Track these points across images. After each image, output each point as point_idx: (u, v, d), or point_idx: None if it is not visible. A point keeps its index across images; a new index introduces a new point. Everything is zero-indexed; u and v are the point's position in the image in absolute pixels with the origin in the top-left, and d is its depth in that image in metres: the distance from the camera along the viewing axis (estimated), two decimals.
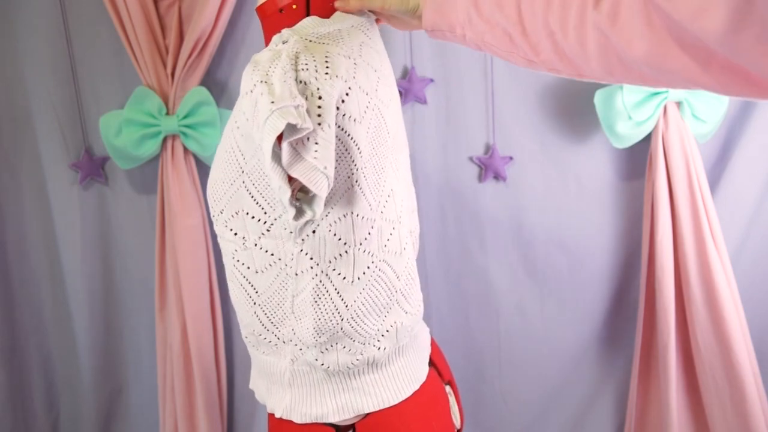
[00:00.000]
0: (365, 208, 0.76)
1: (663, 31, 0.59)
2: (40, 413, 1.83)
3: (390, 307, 0.82)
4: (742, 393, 1.53)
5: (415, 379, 0.86)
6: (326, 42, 0.75)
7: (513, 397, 1.79)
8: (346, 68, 0.73)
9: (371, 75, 0.77)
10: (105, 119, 1.61)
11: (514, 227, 1.71)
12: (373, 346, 0.82)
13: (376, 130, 0.77)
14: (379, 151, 0.78)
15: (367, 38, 0.81)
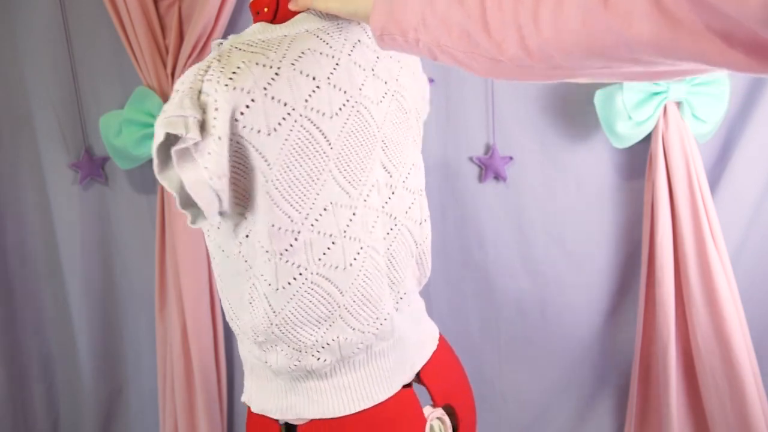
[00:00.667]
0: (283, 219, 0.75)
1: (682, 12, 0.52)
2: (40, 413, 1.83)
3: (331, 320, 0.81)
4: (742, 393, 1.53)
5: (367, 397, 0.85)
6: (254, 50, 0.73)
7: (513, 397, 1.79)
8: (256, 79, 0.71)
9: (301, 84, 0.74)
10: (105, 119, 1.61)
11: (514, 227, 1.71)
12: (311, 356, 0.82)
13: (299, 143, 0.74)
14: (307, 164, 0.75)
15: (321, 43, 0.78)
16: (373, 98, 0.82)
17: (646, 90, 1.51)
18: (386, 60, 0.85)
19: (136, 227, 1.75)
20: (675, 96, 1.52)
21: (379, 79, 0.83)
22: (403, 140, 0.87)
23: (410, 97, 0.89)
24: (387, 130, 0.84)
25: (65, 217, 1.73)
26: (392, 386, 0.87)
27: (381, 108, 0.83)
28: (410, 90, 0.89)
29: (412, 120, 0.89)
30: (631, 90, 1.51)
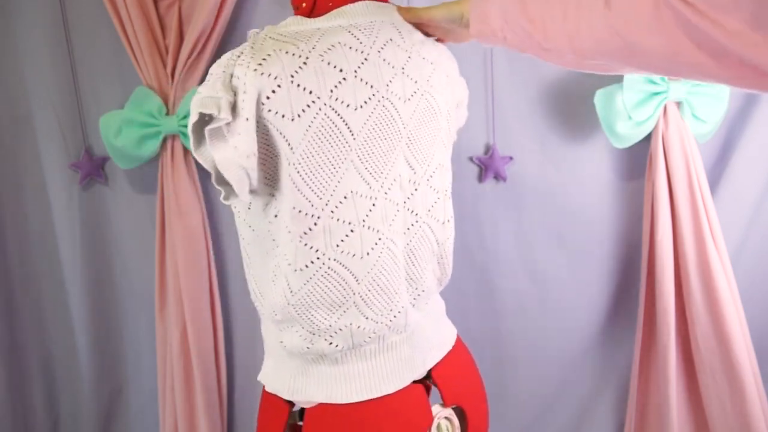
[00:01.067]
0: (304, 203, 0.78)
1: (675, 28, 0.61)
2: (40, 413, 1.83)
3: (345, 307, 0.83)
4: (742, 393, 1.53)
5: (375, 388, 0.86)
6: (286, 40, 0.77)
7: (513, 396, 1.79)
8: (284, 66, 0.75)
9: (328, 75, 0.77)
10: (105, 119, 1.61)
11: (514, 227, 1.71)
12: (324, 340, 0.84)
13: (322, 130, 0.77)
14: (329, 152, 0.78)
15: (352, 38, 0.81)
16: (400, 95, 0.84)
17: (646, 90, 1.51)
18: (418, 60, 0.87)
19: (136, 227, 1.75)
20: (675, 96, 1.52)
21: (408, 78, 0.86)
22: (430, 139, 0.89)
23: (441, 98, 0.91)
24: (413, 127, 0.86)
25: (65, 217, 1.73)
26: (402, 380, 0.88)
27: (408, 105, 0.85)
28: (442, 92, 0.91)
29: (442, 121, 0.91)
30: (631, 90, 1.51)
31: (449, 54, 0.97)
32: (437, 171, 0.91)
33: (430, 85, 0.89)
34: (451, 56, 0.98)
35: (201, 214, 1.66)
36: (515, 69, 1.63)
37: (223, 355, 1.73)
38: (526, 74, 1.63)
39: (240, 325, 1.79)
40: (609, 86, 1.54)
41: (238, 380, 1.81)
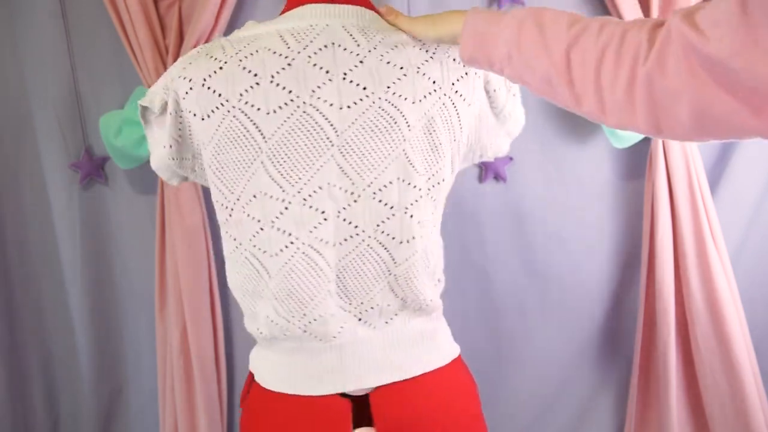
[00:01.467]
0: (218, 195, 0.86)
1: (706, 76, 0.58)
2: (40, 413, 1.83)
3: (264, 299, 0.88)
4: (742, 393, 1.53)
5: (289, 384, 0.88)
6: (223, 44, 0.85)
7: (513, 397, 1.79)
8: (200, 70, 0.83)
9: (240, 80, 0.81)
10: (105, 119, 1.61)
11: (514, 227, 1.71)
12: (254, 325, 0.91)
13: (230, 131, 0.82)
14: (238, 151, 0.82)
15: (280, 43, 0.83)
16: (333, 101, 0.81)
17: None
18: (376, 66, 0.82)
19: (136, 227, 1.75)
20: None
21: (351, 84, 0.82)
22: (378, 150, 0.83)
23: (410, 107, 0.83)
24: (352, 135, 0.82)
25: (65, 217, 1.73)
26: (321, 386, 0.86)
27: (346, 113, 0.82)
28: (413, 100, 0.84)
29: (406, 132, 0.83)
30: None
31: (444, 58, 0.86)
32: (392, 186, 0.84)
33: (390, 92, 0.82)
34: (446, 61, 0.86)
35: (201, 214, 1.66)
36: None
37: (223, 355, 1.73)
38: None
39: (240, 325, 1.79)
40: None
41: (238, 380, 1.81)
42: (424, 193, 0.86)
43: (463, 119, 0.88)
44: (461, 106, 0.88)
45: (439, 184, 0.88)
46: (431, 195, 0.87)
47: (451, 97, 0.86)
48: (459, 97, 0.87)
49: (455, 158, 0.91)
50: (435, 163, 0.87)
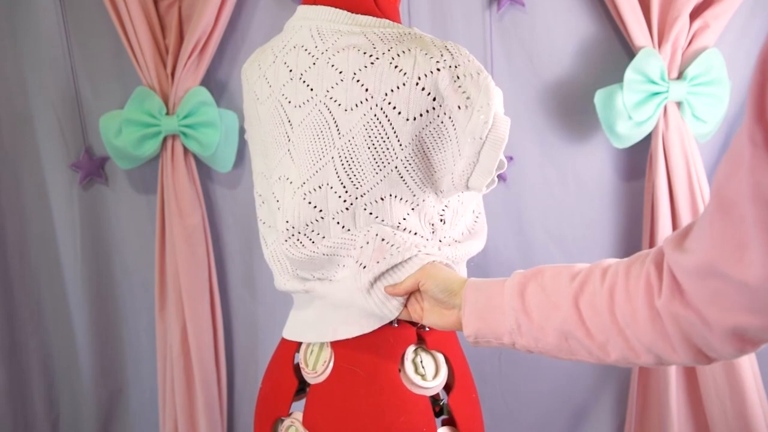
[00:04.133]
0: None
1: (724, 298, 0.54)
2: (40, 413, 1.83)
3: None
4: (742, 393, 1.53)
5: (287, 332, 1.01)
6: None
7: (513, 397, 1.79)
8: None
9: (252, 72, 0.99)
10: (105, 119, 1.61)
11: (514, 227, 1.71)
12: None
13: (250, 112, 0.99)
14: (250, 130, 1.01)
15: (276, 41, 0.96)
16: (292, 100, 0.88)
17: (647, 90, 1.51)
18: (324, 68, 0.83)
19: (136, 227, 1.75)
20: (675, 96, 1.52)
21: (304, 84, 0.85)
22: (316, 153, 0.84)
23: (344, 113, 0.81)
24: (299, 134, 0.86)
25: (65, 217, 1.73)
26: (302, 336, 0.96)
27: (299, 112, 0.86)
28: (349, 105, 0.81)
29: (336, 138, 0.82)
30: (631, 90, 1.51)
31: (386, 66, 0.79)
32: (320, 189, 0.84)
33: (328, 96, 0.82)
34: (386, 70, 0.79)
35: (201, 214, 1.66)
36: (515, 69, 1.63)
37: (223, 355, 1.73)
38: (526, 74, 1.63)
39: (240, 325, 1.79)
40: (609, 86, 1.54)
41: (238, 380, 1.81)
42: (349, 205, 0.84)
43: (401, 135, 0.80)
44: (396, 120, 0.79)
45: (376, 202, 0.84)
46: (368, 210, 0.84)
47: (383, 108, 0.79)
48: (392, 109, 0.79)
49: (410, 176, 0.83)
50: (373, 175, 0.82)
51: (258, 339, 1.79)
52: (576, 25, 1.59)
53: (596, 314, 0.65)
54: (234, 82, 1.67)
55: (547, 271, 0.71)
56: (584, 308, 0.66)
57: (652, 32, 1.51)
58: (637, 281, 0.62)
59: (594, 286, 0.65)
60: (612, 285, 0.64)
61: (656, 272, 0.60)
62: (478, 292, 0.75)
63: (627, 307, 0.62)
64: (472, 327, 0.75)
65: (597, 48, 1.61)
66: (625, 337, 0.63)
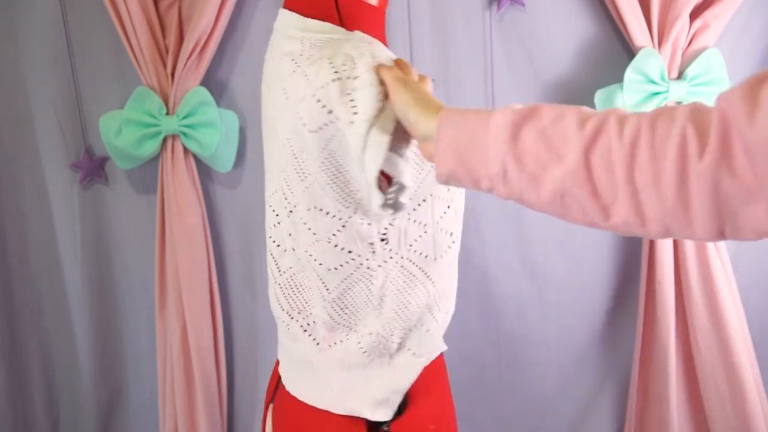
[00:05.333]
0: None
1: None
2: (40, 413, 1.83)
3: None
4: (742, 393, 1.53)
5: None
6: None
7: (513, 397, 1.79)
8: None
9: None
10: (105, 119, 1.61)
11: (514, 227, 1.71)
12: None
13: None
14: None
15: None
16: (265, 104, 0.89)
17: (646, 90, 1.51)
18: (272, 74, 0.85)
19: (136, 227, 1.75)
20: (675, 96, 1.52)
21: (265, 86, 0.88)
22: (270, 158, 0.88)
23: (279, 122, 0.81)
24: (265, 140, 0.90)
25: (65, 217, 1.73)
26: None
27: (265, 115, 0.89)
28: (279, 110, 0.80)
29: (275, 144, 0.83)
30: (631, 90, 1.51)
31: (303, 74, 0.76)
32: (276, 194, 0.86)
33: (271, 102, 0.83)
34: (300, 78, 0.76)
35: (201, 214, 1.66)
36: (515, 69, 1.63)
37: (223, 355, 1.73)
38: (526, 74, 1.63)
39: (240, 325, 1.79)
40: (609, 86, 1.54)
41: (238, 380, 1.81)
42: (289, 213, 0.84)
43: (310, 146, 0.77)
44: (304, 131, 0.77)
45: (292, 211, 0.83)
46: (292, 219, 0.83)
47: (299, 117, 0.77)
48: (299, 119, 0.77)
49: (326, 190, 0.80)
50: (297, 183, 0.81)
51: (258, 339, 1.79)
52: (576, 25, 1.59)
53: (609, 172, 0.55)
54: (234, 82, 1.67)
55: (545, 112, 0.60)
56: (595, 163, 0.56)
57: (652, 32, 1.51)
58: (667, 139, 0.53)
59: (610, 138, 0.55)
60: (634, 140, 0.54)
61: (696, 132, 0.52)
62: (457, 126, 0.63)
63: (650, 167, 0.53)
64: (446, 167, 0.65)
65: (597, 48, 1.61)
66: (638, 202, 0.55)
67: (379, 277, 0.83)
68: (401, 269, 0.84)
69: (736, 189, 0.50)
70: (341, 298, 0.85)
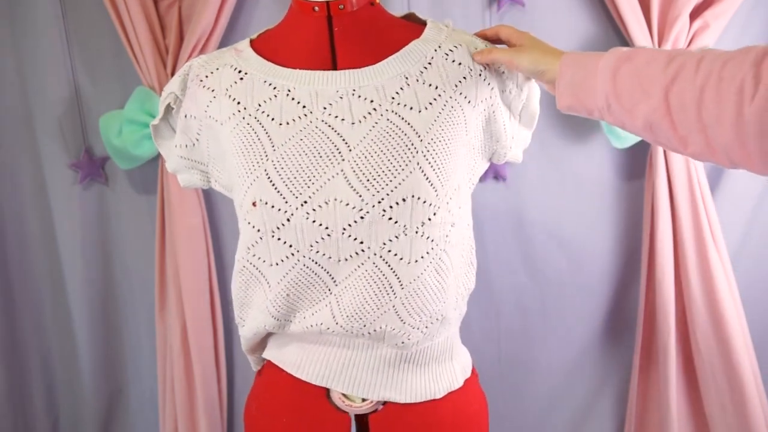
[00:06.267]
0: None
1: None
2: (40, 413, 1.83)
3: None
4: (742, 393, 1.53)
5: None
6: None
7: (513, 397, 1.79)
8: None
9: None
10: (105, 119, 1.61)
11: (514, 227, 1.71)
12: None
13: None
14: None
15: None
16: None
17: None
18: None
19: (136, 227, 1.75)
20: None
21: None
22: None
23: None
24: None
25: (65, 218, 1.73)
26: None
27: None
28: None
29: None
30: None
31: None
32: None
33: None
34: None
35: (201, 214, 1.66)
36: None
37: (223, 355, 1.73)
38: None
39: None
40: None
41: (238, 380, 1.81)
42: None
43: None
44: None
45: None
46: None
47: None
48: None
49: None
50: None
51: None
52: (576, 25, 1.59)
53: (683, 109, 0.66)
54: None
55: (641, 55, 0.72)
56: (673, 101, 0.67)
57: (652, 32, 1.51)
58: (731, 84, 0.61)
59: (686, 80, 0.66)
60: (704, 84, 0.64)
61: (753, 77, 0.60)
62: (574, 68, 0.78)
63: (714, 108, 0.63)
64: (565, 102, 0.79)
65: (597, 48, 1.61)
66: (706, 136, 0.65)
67: None
68: None
69: None
70: None
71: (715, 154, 0.66)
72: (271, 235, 0.83)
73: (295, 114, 0.82)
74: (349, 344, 0.89)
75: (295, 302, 0.87)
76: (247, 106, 0.84)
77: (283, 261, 0.84)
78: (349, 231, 0.81)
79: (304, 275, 0.85)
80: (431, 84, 0.83)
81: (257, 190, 0.82)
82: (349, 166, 0.80)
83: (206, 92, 0.87)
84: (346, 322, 0.85)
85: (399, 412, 0.90)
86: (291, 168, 0.81)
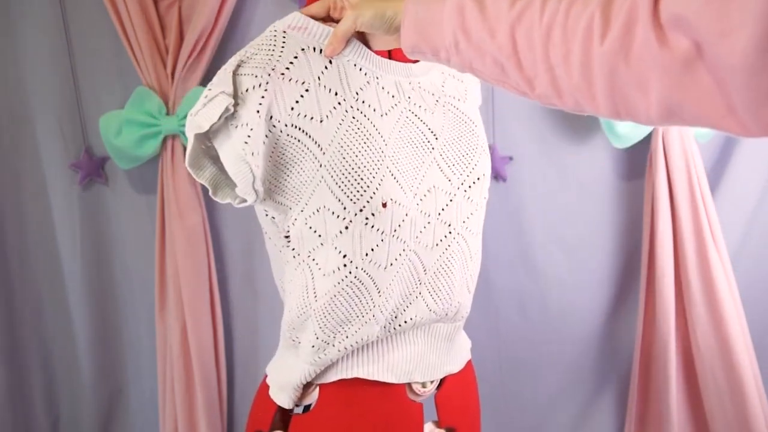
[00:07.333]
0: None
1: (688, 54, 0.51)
2: (40, 413, 1.83)
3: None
4: (742, 393, 1.53)
5: None
6: None
7: (513, 397, 1.79)
8: None
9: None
10: (105, 119, 1.61)
11: (514, 227, 1.71)
12: None
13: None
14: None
15: None
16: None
17: None
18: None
19: (136, 227, 1.75)
20: None
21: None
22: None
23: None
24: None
25: (65, 217, 1.73)
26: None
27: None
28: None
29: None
30: None
31: None
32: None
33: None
34: None
35: (201, 214, 1.66)
36: None
37: (223, 355, 1.73)
38: None
39: (240, 325, 1.79)
40: None
41: (238, 380, 1.81)
42: None
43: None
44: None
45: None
46: None
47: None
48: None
49: None
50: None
51: (258, 339, 1.79)
52: None
53: (530, 48, 0.63)
54: None
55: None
56: (519, 40, 0.63)
57: None
58: (577, 22, 0.59)
59: (533, 19, 0.62)
60: (550, 23, 0.61)
61: (602, 17, 0.57)
62: (420, 5, 0.72)
63: (562, 47, 0.60)
64: (410, 41, 0.72)
65: None
66: (553, 76, 0.62)
67: None
68: None
69: (628, 77, 0.55)
70: None
71: (561, 97, 0.63)
72: (392, 235, 0.77)
73: (388, 104, 0.78)
74: (417, 332, 0.88)
75: (397, 300, 0.82)
76: (346, 97, 0.77)
77: (396, 260, 0.79)
78: (443, 216, 0.82)
79: (405, 269, 0.80)
80: (457, 77, 0.90)
81: (386, 190, 0.75)
82: (439, 154, 0.82)
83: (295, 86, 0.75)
84: (440, 307, 0.85)
85: (452, 383, 0.93)
86: (402, 162, 0.77)
